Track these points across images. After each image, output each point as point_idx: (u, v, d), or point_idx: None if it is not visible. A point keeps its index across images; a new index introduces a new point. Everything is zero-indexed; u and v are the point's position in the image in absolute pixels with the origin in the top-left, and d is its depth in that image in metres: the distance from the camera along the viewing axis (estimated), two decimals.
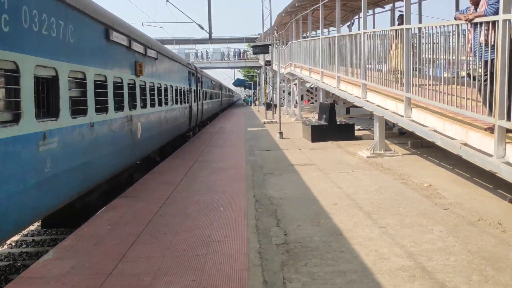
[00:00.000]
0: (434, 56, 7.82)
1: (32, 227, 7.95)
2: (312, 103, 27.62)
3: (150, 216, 6.28)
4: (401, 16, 10.83)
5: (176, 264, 4.55)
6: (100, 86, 7.26)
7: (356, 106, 16.30)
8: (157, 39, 14.22)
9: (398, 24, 10.75)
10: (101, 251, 4.96)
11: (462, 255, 4.56)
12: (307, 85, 25.97)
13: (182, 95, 15.78)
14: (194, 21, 30.38)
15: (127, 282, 4.12)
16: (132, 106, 9.08)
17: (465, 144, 6.33)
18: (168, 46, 19.82)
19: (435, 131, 7.37)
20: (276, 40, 27.16)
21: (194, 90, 19.46)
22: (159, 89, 11.84)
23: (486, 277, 4.04)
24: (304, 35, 24.04)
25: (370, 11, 19.98)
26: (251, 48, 22.83)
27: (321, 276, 4.18)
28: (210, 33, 29.56)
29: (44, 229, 7.90)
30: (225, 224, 5.88)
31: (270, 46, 19.52)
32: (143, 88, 10.01)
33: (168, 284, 4.07)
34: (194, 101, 19.33)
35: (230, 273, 4.29)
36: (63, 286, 4.08)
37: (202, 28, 30.58)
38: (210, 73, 40.16)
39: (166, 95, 12.77)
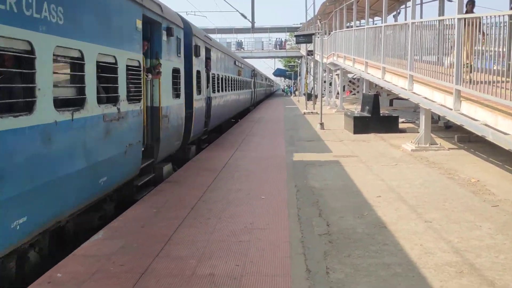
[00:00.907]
0: (485, 48, 7.51)
1: None
2: (353, 94, 27.23)
3: (194, 201, 6.41)
4: (471, 2, 10.02)
5: (220, 248, 4.64)
6: None
7: (400, 98, 15.94)
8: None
9: (467, 11, 9.85)
10: (148, 233, 5.12)
11: None
12: (349, 75, 25.59)
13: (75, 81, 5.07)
14: (237, 10, 30.42)
15: (173, 264, 4.25)
16: None
17: None
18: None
19: (486, 125, 7.10)
20: (319, 30, 26.82)
21: (176, 71, 8.88)
22: None
23: None
24: (348, 24, 23.62)
25: (418, 1, 19.37)
26: (293, 38, 22.61)
27: (364, 267, 4.15)
28: (252, 22, 29.55)
29: None
30: (267, 212, 5.93)
31: (313, 36, 19.29)
32: None
33: (212, 268, 4.16)
34: (174, 96, 8.72)
35: (273, 260, 4.34)
36: (113, 264, 4.26)
37: (245, 17, 30.62)
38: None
39: None
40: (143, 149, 7.03)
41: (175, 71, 8.79)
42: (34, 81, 4.02)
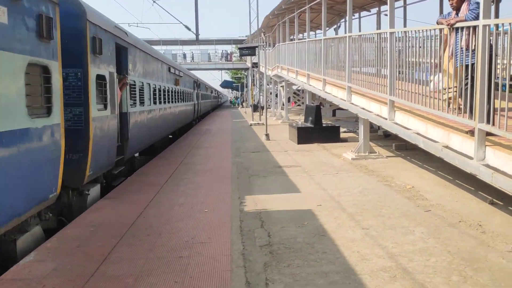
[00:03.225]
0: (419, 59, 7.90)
1: None
2: (299, 105, 27.75)
3: (133, 218, 6.24)
4: None
5: (159, 265, 4.54)
6: None
7: (342, 109, 16.42)
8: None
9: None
10: (83, 253, 4.92)
11: (442, 256, 4.63)
12: (294, 87, 26.08)
13: None
14: (181, 22, 30.35)
15: (109, 284, 4.10)
16: None
17: (447, 147, 6.42)
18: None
19: (418, 133, 7.46)
20: (263, 42, 27.22)
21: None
22: None
23: (465, 278, 4.11)
24: (291, 37, 24.14)
25: (356, 15, 20.16)
26: (239, 50, 22.72)
27: (303, 277, 4.21)
28: (197, 34, 29.54)
29: None
30: (209, 226, 5.88)
31: (257, 48, 19.54)
32: None
33: (150, 286, 4.05)
34: None
35: (213, 274, 4.29)
36: None
37: (189, 29, 30.53)
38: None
39: None
40: None
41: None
42: None
